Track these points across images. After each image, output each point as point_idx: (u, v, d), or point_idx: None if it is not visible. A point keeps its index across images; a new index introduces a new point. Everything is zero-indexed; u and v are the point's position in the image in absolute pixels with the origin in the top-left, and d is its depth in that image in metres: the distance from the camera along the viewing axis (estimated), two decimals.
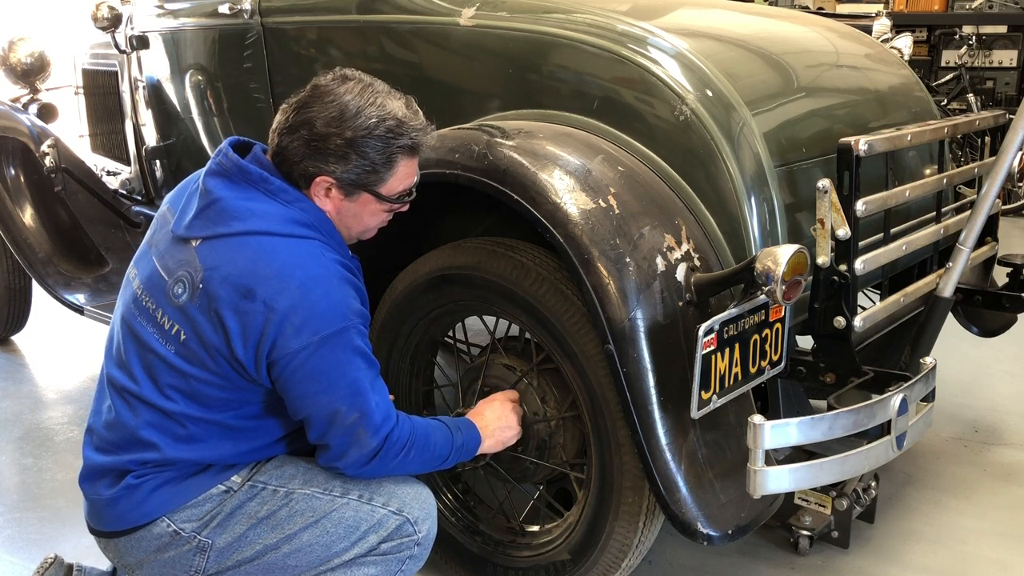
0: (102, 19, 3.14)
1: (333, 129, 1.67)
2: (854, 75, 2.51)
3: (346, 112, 1.67)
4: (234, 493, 1.74)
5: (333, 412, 1.66)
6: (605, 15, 2.16)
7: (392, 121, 1.70)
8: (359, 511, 1.74)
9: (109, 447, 1.74)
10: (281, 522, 1.73)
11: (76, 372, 3.82)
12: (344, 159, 1.69)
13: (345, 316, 1.65)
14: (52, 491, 2.79)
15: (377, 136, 1.69)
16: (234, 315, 1.62)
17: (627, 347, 1.75)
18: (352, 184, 1.72)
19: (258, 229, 1.66)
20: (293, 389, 1.65)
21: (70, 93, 4.09)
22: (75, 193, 3.57)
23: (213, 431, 1.72)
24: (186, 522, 1.72)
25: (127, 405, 1.72)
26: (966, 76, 7.05)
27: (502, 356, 2.12)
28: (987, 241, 2.60)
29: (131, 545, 1.74)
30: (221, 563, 1.74)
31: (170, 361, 1.68)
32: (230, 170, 1.71)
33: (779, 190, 2.01)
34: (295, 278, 1.62)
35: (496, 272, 1.96)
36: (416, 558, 1.80)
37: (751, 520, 1.84)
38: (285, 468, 1.78)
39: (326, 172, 1.70)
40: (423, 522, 1.78)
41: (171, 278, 1.69)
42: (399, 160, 1.74)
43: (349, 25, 2.53)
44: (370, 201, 1.77)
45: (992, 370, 3.74)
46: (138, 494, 1.70)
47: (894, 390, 1.84)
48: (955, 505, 2.67)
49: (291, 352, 1.61)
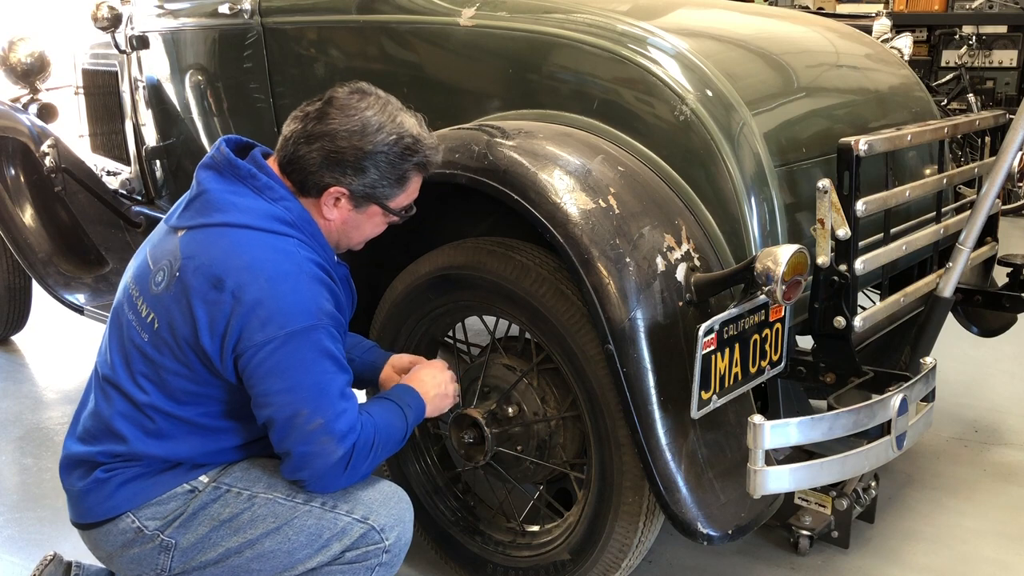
0: (102, 19, 3.14)
1: (355, 143, 1.70)
2: (854, 75, 2.51)
3: (368, 127, 1.71)
4: (198, 493, 1.74)
5: (294, 414, 1.62)
6: (605, 15, 2.16)
7: (409, 139, 1.74)
8: (322, 519, 1.71)
9: (86, 436, 1.77)
10: (243, 526, 1.72)
11: (76, 372, 3.82)
12: (361, 172, 1.72)
13: (314, 314, 1.64)
14: (52, 491, 2.79)
15: (395, 153, 1.73)
16: (203, 305, 1.63)
17: (627, 347, 1.75)
18: (364, 197, 1.76)
19: (237, 222, 1.68)
20: (256, 385, 1.64)
21: (70, 93, 4.09)
22: (75, 193, 3.57)
23: (182, 428, 1.72)
24: (150, 519, 1.72)
25: (104, 394, 1.75)
26: (966, 76, 7.05)
27: (502, 356, 2.12)
28: (987, 241, 2.60)
29: (101, 538, 1.76)
30: (185, 564, 1.73)
31: (144, 349, 1.70)
32: (221, 164, 1.75)
33: (779, 190, 2.01)
34: (264, 271, 1.63)
35: (496, 272, 1.96)
36: (387, 565, 1.76)
37: (751, 520, 1.84)
38: (252, 471, 1.77)
39: (342, 184, 1.73)
40: (391, 529, 1.74)
41: (155, 267, 1.72)
42: (411, 177, 1.79)
43: (349, 25, 2.53)
44: (377, 213, 1.80)
45: (992, 370, 3.74)
46: (106, 488, 1.72)
47: (894, 390, 1.84)
48: (955, 505, 2.67)
49: (256, 344, 1.61)
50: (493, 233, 2.16)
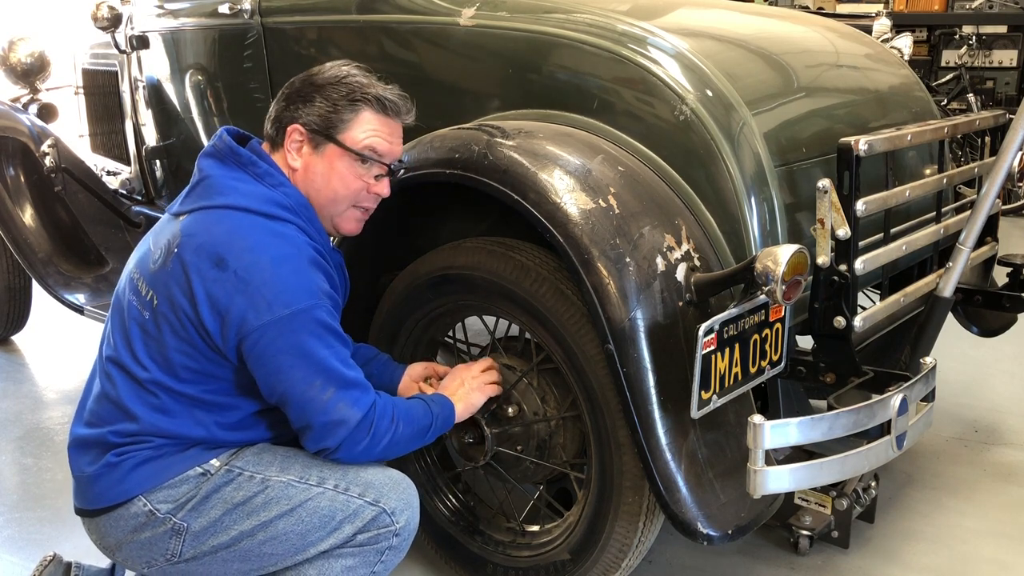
0: (102, 19, 3.14)
1: (307, 79, 1.84)
2: (854, 75, 2.51)
3: (323, 69, 1.86)
4: (211, 477, 1.75)
5: (308, 386, 1.67)
6: (605, 15, 2.16)
7: (363, 78, 1.85)
8: (334, 501, 1.74)
9: (95, 420, 1.78)
10: (256, 509, 1.74)
11: (76, 372, 3.82)
12: (310, 102, 1.81)
13: (315, 294, 1.70)
14: (52, 491, 2.79)
15: (346, 84, 1.82)
16: (203, 282, 1.67)
17: (627, 347, 1.75)
18: (317, 132, 1.81)
19: (239, 205, 1.73)
20: (267, 364, 1.67)
21: (70, 93, 4.09)
22: (75, 193, 3.57)
23: (184, 403, 1.74)
24: (162, 503, 1.73)
25: (107, 376, 1.78)
26: (966, 76, 7.05)
27: (502, 356, 2.12)
28: (987, 241, 2.60)
29: (110, 524, 1.76)
30: (197, 547, 1.74)
31: (146, 327, 1.73)
32: (223, 151, 1.81)
33: (779, 190, 2.01)
34: (267, 253, 1.68)
35: (496, 272, 1.96)
36: (396, 549, 1.78)
37: (751, 520, 1.84)
38: (264, 455, 1.79)
39: (296, 120, 1.81)
40: (401, 513, 1.77)
41: (155, 249, 1.77)
42: (362, 108, 1.83)
43: (349, 25, 2.53)
44: (335, 156, 1.83)
45: (992, 370, 3.74)
46: (118, 472, 1.73)
47: (894, 390, 1.84)
48: (955, 505, 2.67)
49: (262, 325, 1.65)
50: (493, 233, 2.16)
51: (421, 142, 2.05)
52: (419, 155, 2.03)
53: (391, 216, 2.17)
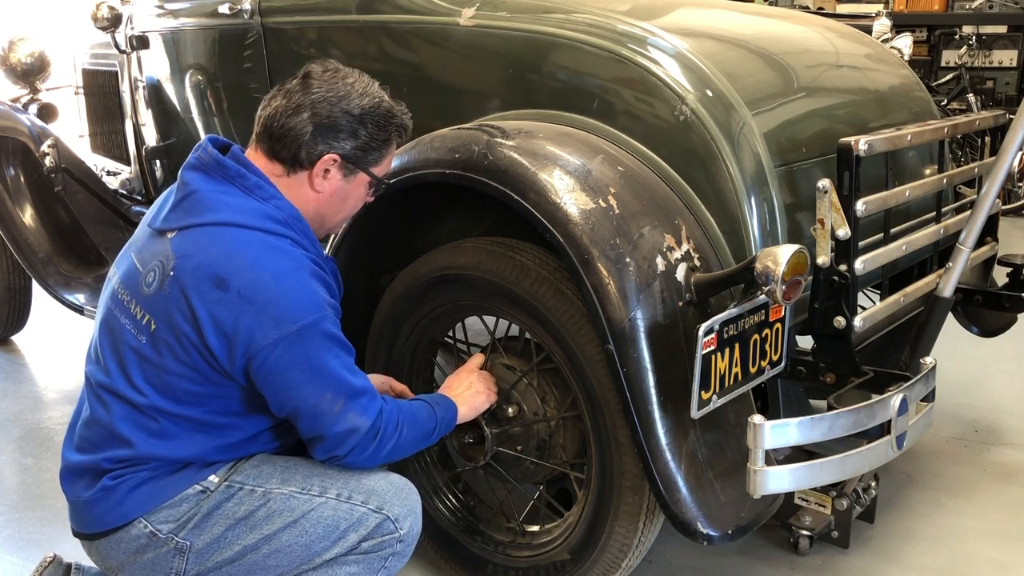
0: (102, 19, 3.14)
1: (343, 107, 1.76)
2: (854, 75, 2.51)
3: (352, 93, 1.78)
4: (211, 493, 1.73)
5: (319, 400, 1.66)
6: (605, 15, 2.16)
7: (388, 104, 1.82)
8: (338, 510, 1.73)
9: (86, 445, 1.75)
10: (259, 522, 1.72)
11: (76, 372, 3.81)
12: (353, 136, 1.78)
13: (320, 306, 1.68)
14: (52, 491, 2.79)
15: (379, 114, 1.80)
16: (205, 304, 1.63)
17: (627, 347, 1.75)
18: (354, 162, 1.80)
19: (232, 221, 1.69)
20: (276, 382, 1.65)
21: (70, 93, 4.09)
22: (75, 193, 3.57)
23: (184, 427, 1.71)
24: (163, 523, 1.71)
25: (100, 401, 1.73)
26: (966, 76, 7.05)
27: (502, 356, 2.12)
28: (987, 241, 2.60)
29: (111, 547, 1.74)
30: (201, 565, 1.73)
31: (142, 352, 1.69)
32: (208, 164, 1.74)
33: (779, 190, 2.01)
34: (268, 270, 1.65)
35: (496, 272, 1.96)
36: (399, 555, 1.78)
37: (751, 520, 1.84)
38: (263, 468, 1.78)
39: (334, 149, 1.77)
40: (404, 519, 1.77)
41: (144, 269, 1.72)
42: (392, 140, 1.85)
43: (349, 25, 2.53)
44: (363, 183, 1.84)
45: (992, 370, 3.74)
46: (115, 495, 1.70)
47: (894, 390, 1.84)
48: (955, 505, 2.67)
49: (271, 343, 1.62)
50: (493, 233, 2.16)
51: (421, 142, 2.05)
52: (419, 155, 2.03)
53: (391, 216, 2.17)
